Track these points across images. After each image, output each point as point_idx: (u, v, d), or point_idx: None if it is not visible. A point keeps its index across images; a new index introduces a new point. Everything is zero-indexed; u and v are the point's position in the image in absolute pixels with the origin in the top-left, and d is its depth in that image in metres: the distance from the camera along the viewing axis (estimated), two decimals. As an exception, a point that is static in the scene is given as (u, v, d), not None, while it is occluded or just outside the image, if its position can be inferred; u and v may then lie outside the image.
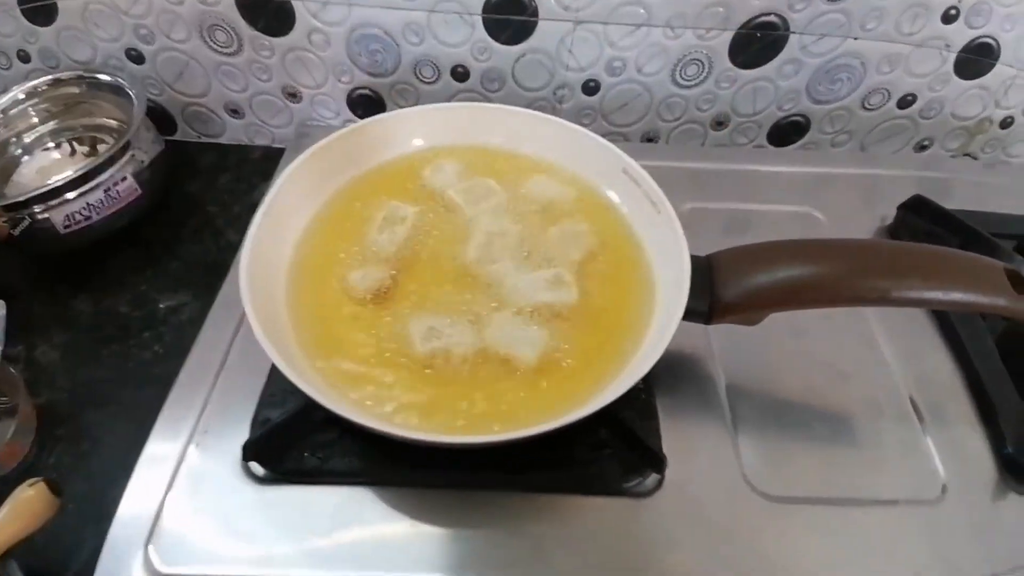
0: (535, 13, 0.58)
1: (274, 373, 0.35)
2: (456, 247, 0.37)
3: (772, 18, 0.56)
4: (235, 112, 0.68)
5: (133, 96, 0.57)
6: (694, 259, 0.34)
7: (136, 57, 0.63)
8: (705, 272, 0.34)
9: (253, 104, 0.67)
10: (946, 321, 0.42)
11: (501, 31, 0.59)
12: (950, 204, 0.49)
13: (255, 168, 0.69)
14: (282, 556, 0.30)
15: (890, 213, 0.48)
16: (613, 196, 0.40)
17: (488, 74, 0.62)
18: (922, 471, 0.36)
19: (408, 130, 0.41)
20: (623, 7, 0.56)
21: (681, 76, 0.61)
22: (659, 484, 0.34)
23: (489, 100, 0.65)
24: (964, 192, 0.52)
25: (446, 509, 0.32)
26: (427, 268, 0.36)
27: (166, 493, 0.33)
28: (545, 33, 0.59)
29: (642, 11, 0.57)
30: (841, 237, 0.46)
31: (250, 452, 0.32)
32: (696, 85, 0.62)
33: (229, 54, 0.63)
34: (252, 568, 0.30)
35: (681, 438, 0.36)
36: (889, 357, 0.41)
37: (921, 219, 0.46)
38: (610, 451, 0.34)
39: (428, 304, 0.34)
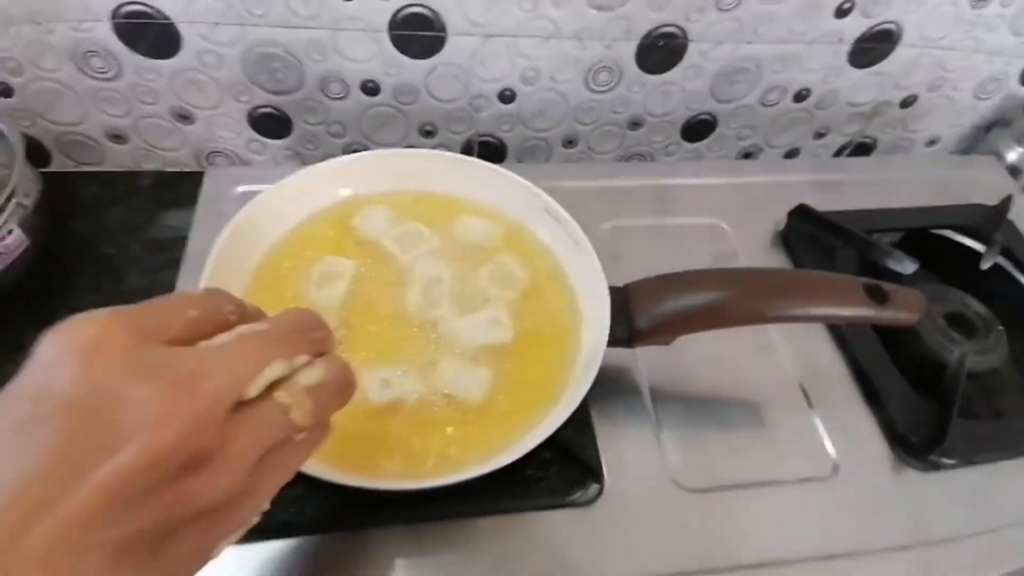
0: (443, 29, 0.64)
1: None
2: (396, 296, 0.44)
3: (671, 28, 0.67)
4: (118, 137, 0.70)
5: (10, 137, 0.58)
6: (613, 291, 0.43)
7: (4, 91, 0.63)
8: (623, 303, 0.43)
9: (139, 128, 0.69)
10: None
11: (410, 46, 0.65)
12: (844, 204, 0.61)
13: (148, 197, 0.71)
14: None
15: (783, 219, 0.60)
16: (538, 233, 0.48)
17: (400, 88, 0.68)
18: (814, 452, 0.48)
19: (332, 181, 0.47)
20: (531, 21, 0.65)
21: (594, 83, 0.71)
22: (599, 492, 0.44)
23: (402, 112, 0.71)
24: (857, 191, 0.65)
25: (415, 542, 0.40)
26: (371, 319, 0.43)
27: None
28: (456, 47, 0.66)
29: (549, 24, 0.65)
30: (742, 246, 0.58)
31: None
32: (609, 91, 0.72)
33: (108, 79, 0.64)
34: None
35: (615, 446, 0.46)
36: (783, 353, 0.52)
37: (806, 224, 0.58)
38: (556, 468, 0.44)
39: (376, 355, 0.42)
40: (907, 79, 0.77)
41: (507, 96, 0.70)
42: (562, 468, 0.44)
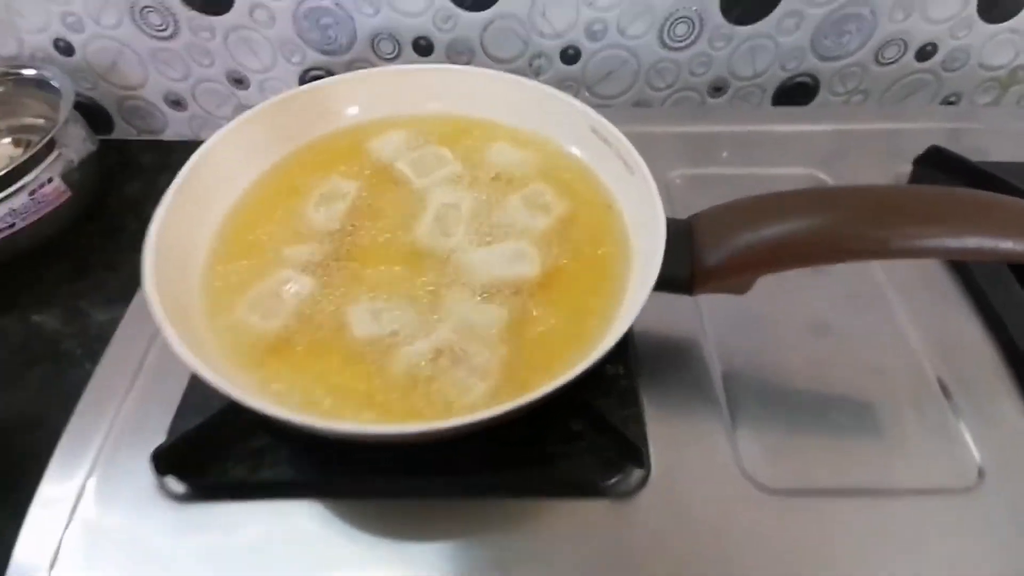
0: (501, -26, 0.58)
1: (196, 378, 0.34)
2: (403, 222, 0.36)
3: (766, -35, 0.56)
4: (177, 103, 0.68)
5: (60, 88, 0.58)
6: (671, 222, 0.33)
7: (65, 48, 0.63)
8: (684, 236, 0.33)
9: (196, 93, 0.67)
10: (971, 282, 0.41)
11: (465, -6, 0.59)
12: (986, 157, 0.47)
13: (201, 165, 0.69)
14: (207, 582, 0.29)
15: (907, 171, 0.47)
16: (582, 158, 0.39)
17: (454, 45, 0.62)
18: (953, 455, 0.34)
19: (345, 98, 0.41)
20: (598, -37, 0.56)
21: (670, 37, 0.61)
22: (644, 481, 0.32)
23: (457, 75, 0.64)
24: (1002, 144, 0.50)
25: (395, 522, 0.31)
26: (370, 247, 0.35)
27: (70, 517, 0.32)
28: (514, -5, 0.59)
29: (620, -35, 0.57)
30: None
31: (164, 462, 0.31)
32: (687, 47, 0.62)
33: (165, 38, 0.63)
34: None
35: (669, 428, 0.35)
36: (907, 328, 0.40)
37: (941, 173, 0.45)
38: (586, 445, 0.33)
39: (370, 287, 0.33)
40: (1045, 41, 0.61)
41: (571, 55, 0.62)
42: (596, 446, 0.33)
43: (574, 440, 0.33)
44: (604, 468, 0.32)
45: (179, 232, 0.33)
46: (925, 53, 0.62)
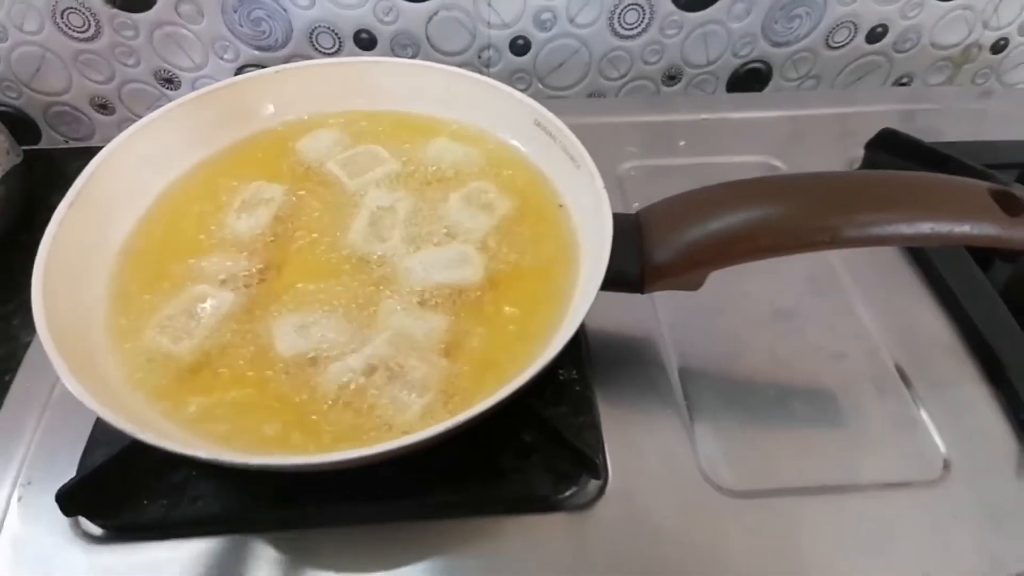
0: (442, -39, 0.55)
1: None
2: (335, 228, 0.34)
3: (712, -52, 0.55)
4: (103, 107, 0.64)
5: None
6: (618, 218, 0.31)
7: None
8: (632, 232, 0.31)
9: (123, 95, 0.63)
10: (929, 267, 0.40)
11: (406, -16, 0.57)
12: (940, 138, 0.47)
13: (134, 172, 0.65)
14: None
15: (859, 156, 0.46)
16: (526, 153, 0.37)
17: (398, 39, 0.59)
18: (917, 446, 0.33)
19: (265, 96, 0.38)
20: (543, -52, 0.54)
21: (620, 25, 0.59)
22: (600, 492, 0.31)
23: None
24: (955, 123, 0.50)
25: (338, 551, 0.29)
26: (298, 256, 0.33)
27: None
28: (457, -15, 0.56)
29: (565, -49, 0.55)
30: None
31: (70, 503, 0.28)
32: (639, 34, 0.60)
33: (87, 39, 0.59)
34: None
35: (626, 432, 0.33)
36: (864, 314, 0.39)
37: (893, 156, 0.44)
38: (539, 457, 0.31)
39: (297, 299, 0.31)
40: (996, 18, 0.61)
41: (520, 46, 0.60)
42: (550, 457, 0.31)
43: (527, 452, 0.31)
44: (559, 480, 0.30)
45: (78, 250, 0.30)
46: (876, 35, 0.62)
